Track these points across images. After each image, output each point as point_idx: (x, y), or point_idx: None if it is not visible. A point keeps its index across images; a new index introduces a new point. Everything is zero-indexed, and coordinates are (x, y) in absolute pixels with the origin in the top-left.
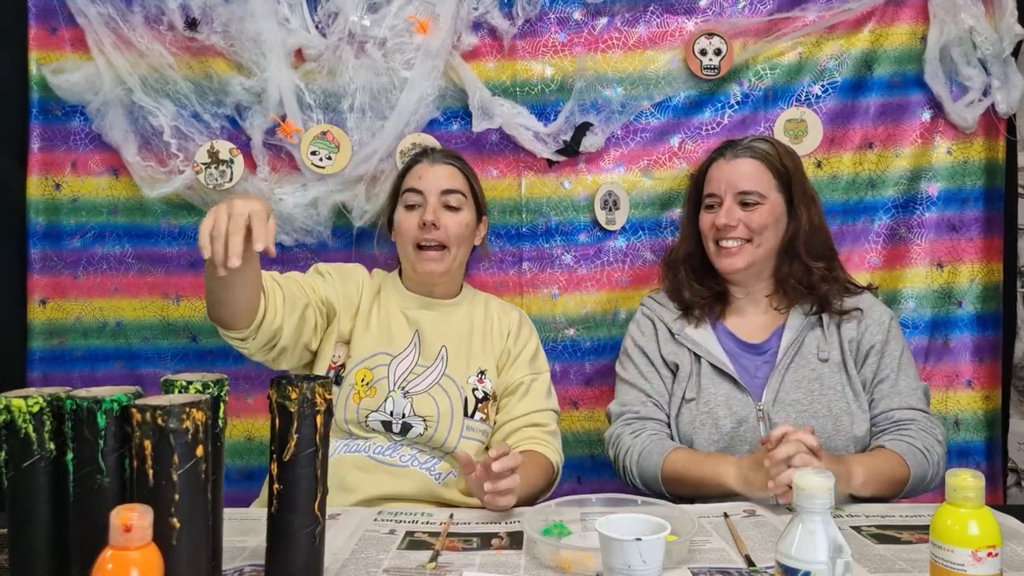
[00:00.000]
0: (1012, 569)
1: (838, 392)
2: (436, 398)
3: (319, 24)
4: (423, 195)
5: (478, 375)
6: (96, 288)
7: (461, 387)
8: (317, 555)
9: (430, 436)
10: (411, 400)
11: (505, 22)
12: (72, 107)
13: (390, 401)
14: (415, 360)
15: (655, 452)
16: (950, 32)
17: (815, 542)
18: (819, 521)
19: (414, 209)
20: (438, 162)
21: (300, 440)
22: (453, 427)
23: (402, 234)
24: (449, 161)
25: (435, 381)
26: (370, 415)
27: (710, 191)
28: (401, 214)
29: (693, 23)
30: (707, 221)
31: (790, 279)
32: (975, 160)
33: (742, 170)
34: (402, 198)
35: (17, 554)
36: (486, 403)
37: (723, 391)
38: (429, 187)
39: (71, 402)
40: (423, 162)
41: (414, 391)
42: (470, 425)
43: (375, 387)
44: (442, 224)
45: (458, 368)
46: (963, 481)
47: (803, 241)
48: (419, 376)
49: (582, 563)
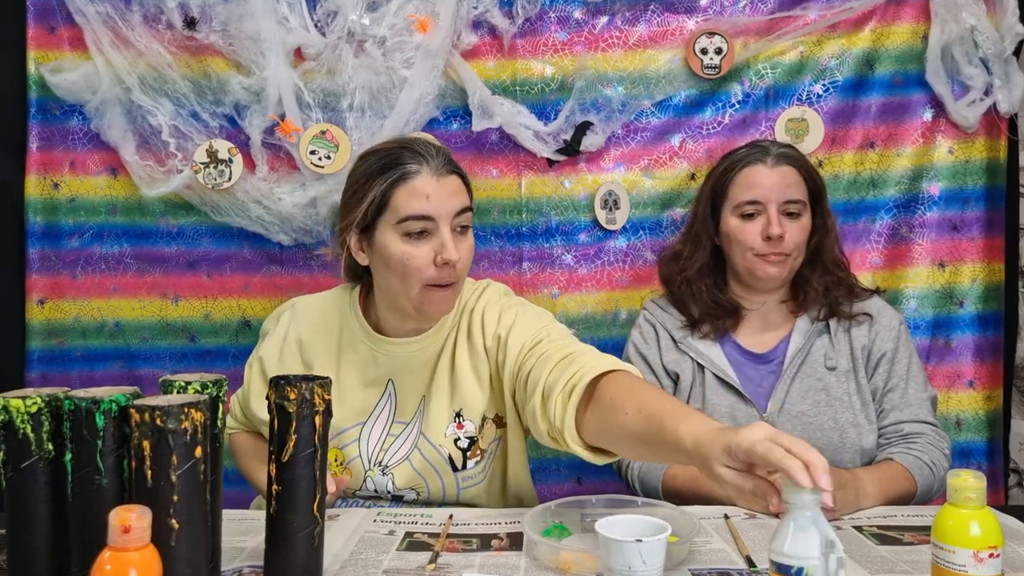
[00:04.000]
0: (1013, 570)
1: (845, 403)
2: (416, 467)
3: (318, 23)
4: (434, 221)
5: (455, 421)
6: (94, 288)
7: (439, 446)
8: (316, 556)
9: (427, 499)
10: (391, 476)
11: (505, 21)
12: (70, 106)
13: (369, 481)
14: (390, 419)
15: (655, 467)
16: (951, 31)
17: (807, 538)
18: (809, 517)
19: (421, 238)
20: (443, 172)
21: (299, 441)
22: (447, 487)
23: (407, 272)
24: (452, 169)
25: (413, 445)
26: (356, 494)
27: (751, 198)
28: (400, 246)
29: (694, 22)
30: (749, 230)
31: (810, 284)
32: (976, 160)
33: (789, 179)
34: (400, 225)
35: (16, 555)
36: (475, 445)
37: (727, 402)
38: (441, 210)
39: (69, 402)
40: (422, 174)
41: (391, 464)
42: (466, 476)
43: (350, 468)
44: (460, 257)
45: (433, 422)
46: (964, 482)
47: (828, 250)
48: (396, 439)
49: (582, 564)
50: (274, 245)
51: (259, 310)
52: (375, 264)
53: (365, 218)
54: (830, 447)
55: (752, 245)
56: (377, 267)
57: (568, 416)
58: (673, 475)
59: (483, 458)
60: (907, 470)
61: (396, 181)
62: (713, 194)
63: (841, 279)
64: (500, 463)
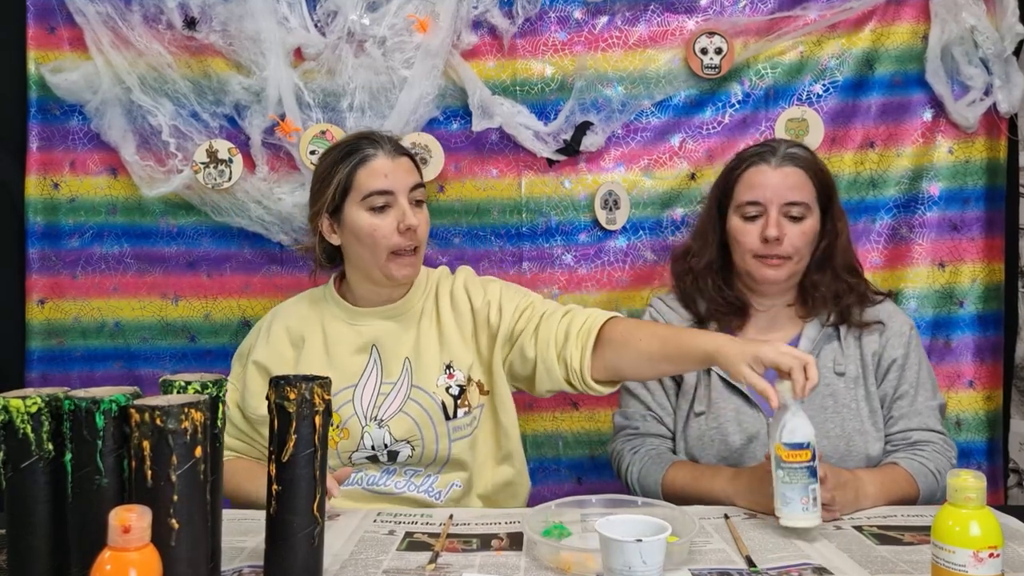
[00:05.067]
0: (1013, 570)
1: (852, 410)
2: (412, 415)
3: (318, 23)
4: (393, 195)
5: (446, 372)
6: (94, 288)
7: (432, 393)
8: (316, 556)
9: (420, 455)
10: (387, 428)
11: (505, 21)
12: (71, 106)
13: (367, 436)
14: (379, 380)
15: (654, 471)
16: (951, 31)
17: (804, 421)
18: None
19: (384, 211)
20: (396, 154)
21: (299, 441)
22: (440, 437)
23: (375, 242)
24: (403, 151)
25: (405, 396)
26: (352, 455)
27: (752, 199)
28: (366, 218)
29: (694, 22)
30: (749, 231)
31: (819, 289)
32: (976, 159)
33: (792, 180)
34: (365, 201)
35: (16, 555)
36: (464, 395)
37: (733, 406)
38: (398, 185)
39: (69, 402)
40: (379, 156)
41: (387, 417)
42: (456, 426)
43: (347, 428)
44: (419, 223)
45: (424, 374)
46: (964, 482)
47: (839, 255)
48: (387, 397)
49: (582, 564)
50: (274, 245)
51: (259, 310)
52: (346, 240)
53: (333, 200)
54: (836, 454)
55: (751, 247)
56: (348, 242)
57: (585, 356)
58: (672, 478)
59: (470, 412)
60: (910, 475)
61: (357, 164)
62: (720, 193)
63: (852, 285)
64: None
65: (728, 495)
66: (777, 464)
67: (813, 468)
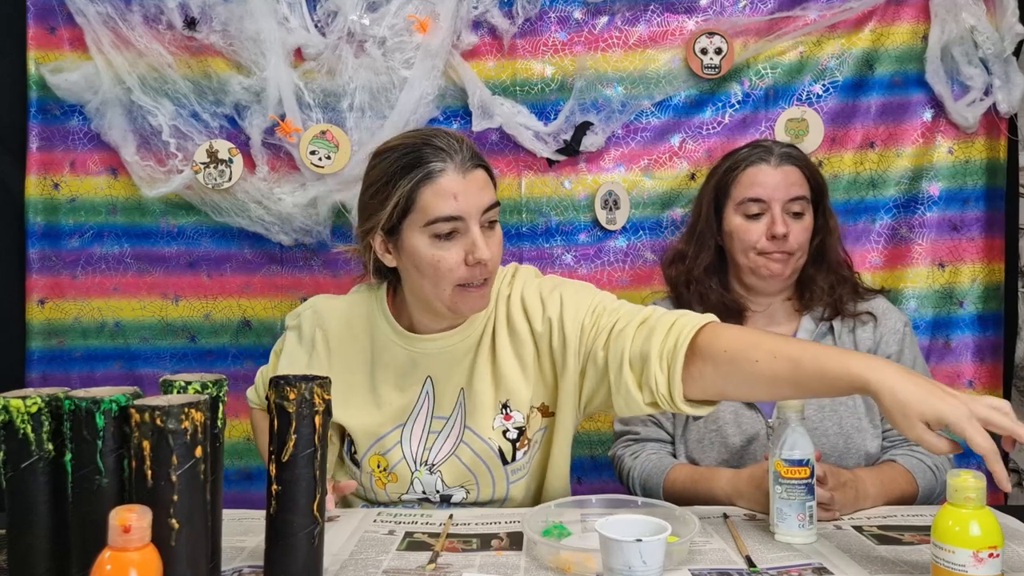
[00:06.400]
0: (1013, 570)
1: (849, 408)
2: (465, 461)
3: (318, 23)
4: (463, 220)
5: (502, 412)
6: (95, 288)
7: (488, 439)
8: (316, 556)
9: (475, 497)
10: (439, 474)
11: (505, 21)
12: (71, 106)
13: (417, 483)
14: (429, 415)
15: (655, 474)
16: (951, 31)
17: (805, 438)
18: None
19: (451, 239)
20: (469, 167)
21: (298, 440)
22: (496, 481)
23: (439, 275)
24: (478, 163)
25: (458, 439)
26: (402, 496)
27: (754, 196)
28: (428, 248)
29: (694, 22)
30: (753, 229)
31: (815, 282)
32: (976, 160)
33: (792, 178)
34: (428, 227)
35: (16, 555)
36: (523, 436)
37: (731, 407)
38: (470, 209)
39: (70, 402)
40: (448, 171)
41: (438, 462)
42: (515, 468)
43: (395, 472)
44: (491, 255)
45: (478, 416)
46: (964, 482)
47: (832, 250)
48: (438, 436)
49: (582, 564)
50: (274, 245)
51: (259, 310)
52: (404, 266)
53: (390, 220)
54: (835, 453)
55: (756, 244)
56: (406, 268)
57: (675, 380)
58: (672, 480)
59: (529, 447)
60: (909, 472)
61: (421, 180)
62: (716, 193)
63: (845, 277)
64: (543, 454)
65: (728, 495)
66: (775, 479)
67: (811, 485)
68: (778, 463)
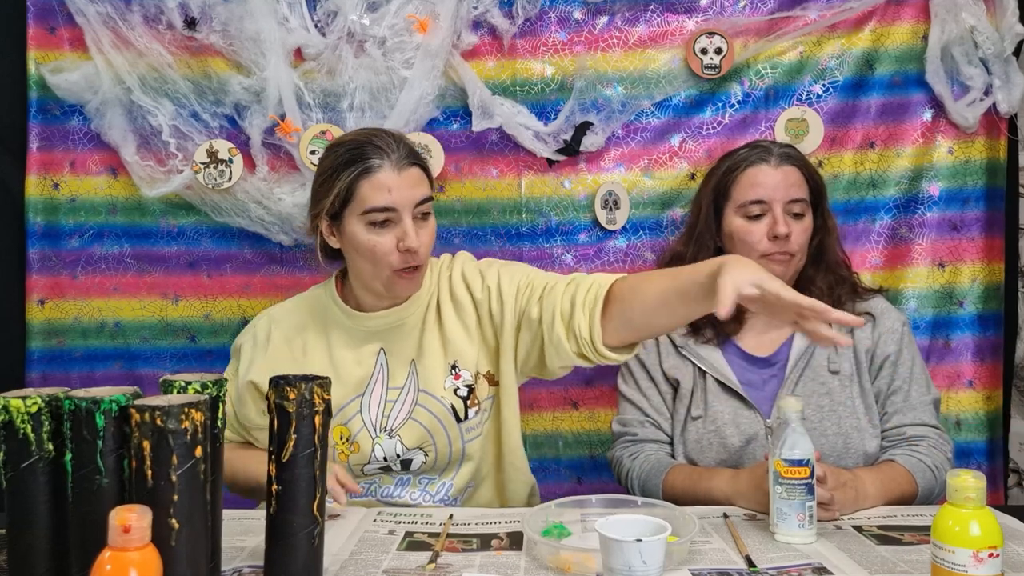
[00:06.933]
0: (1013, 570)
1: (848, 408)
2: (422, 422)
3: (318, 23)
4: (396, 211)
5: (451, 373)
6: (95, 288)
7: (441, 397)
8: (316, 556)
9: (433, 460)
10: (398, 437)
11: (505, 21)
12: (71, 106)
13: (378, 448)
14: (385, 386)
15: (654, 475)
16: (951, 31)
17: (804, 438)
18: (801, 425)
19: (385, 227)
20: (404, 165)
21: (298, 440)
22: (452, 440)
23: (376, 258)
24: (413, 161)
25: (413, 403)
26: (364, 467)
27: (755, 197)
28: (365, 234)
29: (694, 22)
30: (754, 230)
31: (815, 282)
32: (976, 160)
33: (792, 179)
34: (365, 216)
35: (16, 555)
36: (473, 394)
37: (730, 408)
38: (402, 201)
39: (70, 402)
40: (384, 167)
41: (396, 426)
42: (468, 427)
43: (357, 441)
44: (420, 243)
45: (430, 378)
46: (964, 482)
47: (831, 250)
48: (395, 403)
49: (582, 564)
50: (274, 245)
51: (259, 310)
52: (346, 248)
53: (333, 207)
54: (834, 453)
55: (757, 245)
56: (348, 251)
57: (595, 323)
58: (671, 481)
59: (480, 410)
60: (908, 472)
61: (360, 174)
62: (715, 194)
63: (844, 278)
64: (495, 425)
65: (728, 495)
66: (776, 479)
67: (811, 485)
68: (778, 463)
